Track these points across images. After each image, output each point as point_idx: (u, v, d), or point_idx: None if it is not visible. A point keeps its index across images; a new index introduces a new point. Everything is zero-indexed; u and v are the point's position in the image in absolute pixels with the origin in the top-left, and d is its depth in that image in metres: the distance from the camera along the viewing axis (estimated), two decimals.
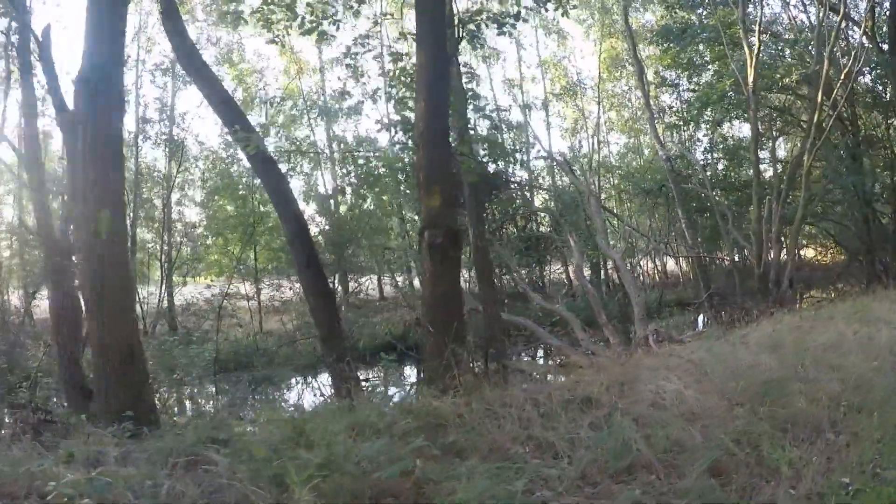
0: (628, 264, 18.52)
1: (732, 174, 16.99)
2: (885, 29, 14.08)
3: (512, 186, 15.18)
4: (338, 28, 7.46)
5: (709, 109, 14.25)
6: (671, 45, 15.95)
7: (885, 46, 14.05)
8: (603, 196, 23.67)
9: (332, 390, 9.71)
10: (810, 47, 12.82)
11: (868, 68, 14.15)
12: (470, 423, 4.16)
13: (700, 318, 15.52)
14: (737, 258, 15.12)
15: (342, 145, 19.97)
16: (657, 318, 18.15)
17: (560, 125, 27.45)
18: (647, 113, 15.71)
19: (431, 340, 5.70)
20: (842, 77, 11.00)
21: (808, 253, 25.08)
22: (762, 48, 13.61)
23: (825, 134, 11.76)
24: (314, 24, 7.41)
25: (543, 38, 26.08)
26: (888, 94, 15.53)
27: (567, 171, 14.38)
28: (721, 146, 17.34)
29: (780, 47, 14.30)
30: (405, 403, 4.75)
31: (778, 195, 11.68)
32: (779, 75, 13.51)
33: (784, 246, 11.93)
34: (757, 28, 11.09)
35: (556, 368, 9.24)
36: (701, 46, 15.75)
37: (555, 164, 16.06)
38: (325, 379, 11.34)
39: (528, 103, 24.04)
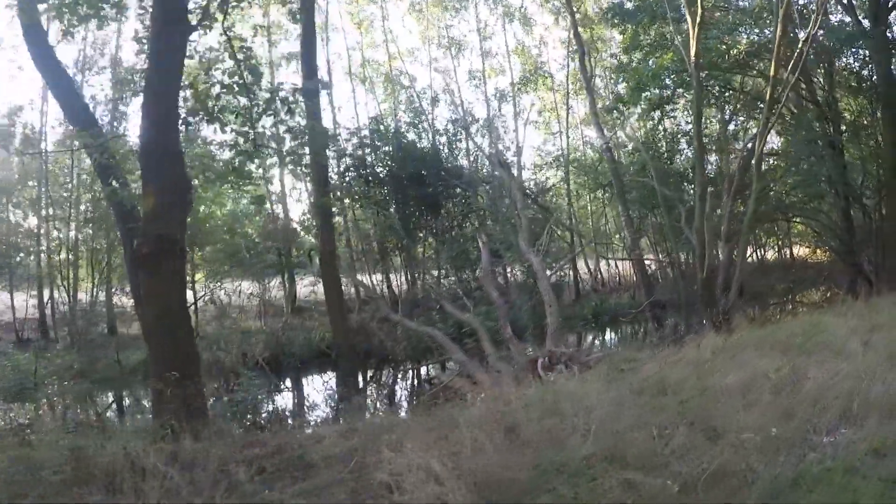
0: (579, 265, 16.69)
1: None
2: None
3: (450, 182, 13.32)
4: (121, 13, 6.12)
5: (648, 89, 12.31)
6: (627, 24, 14.10)
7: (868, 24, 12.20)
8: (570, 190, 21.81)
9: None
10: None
11: (843, 44, 12.22)
12: (148, 482, 3.18)
13: (637, 332, 13.58)
14: (687, 262, 13.15)
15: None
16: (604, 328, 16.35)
17: (523, 116, 25.57)
18: (588, 97, 13.82)
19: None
20: (800, 45, 9.13)
21: (803, 251, 23.04)
22: (716, 23, 11.73)
23: (778, 112, 9.89)
24: (95, 8, 6.03)
25: (510, 27, 24.36)
26: (874, 78, 13.57)
27: (495, 163, 12.61)
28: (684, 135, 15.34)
29: (733, 17, 12.31)
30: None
31: (729, 187, 9.83)
32: (725, 46, 11.55)
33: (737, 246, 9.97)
34: None
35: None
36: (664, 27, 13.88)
37: (488, 156, 14.21)
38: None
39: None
